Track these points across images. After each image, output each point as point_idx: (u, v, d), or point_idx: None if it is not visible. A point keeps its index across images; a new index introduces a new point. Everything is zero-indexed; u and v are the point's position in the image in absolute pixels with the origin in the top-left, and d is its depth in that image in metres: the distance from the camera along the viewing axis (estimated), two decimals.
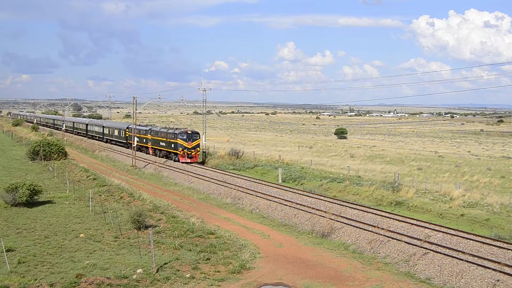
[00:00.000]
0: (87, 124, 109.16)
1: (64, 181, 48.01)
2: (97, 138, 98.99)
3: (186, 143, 62.98)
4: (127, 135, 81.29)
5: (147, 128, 74.55)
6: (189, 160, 62.82)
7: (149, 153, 72.78)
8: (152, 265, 22.90)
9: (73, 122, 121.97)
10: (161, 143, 68.29)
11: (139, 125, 77.47)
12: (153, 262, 22.98)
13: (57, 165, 59.61)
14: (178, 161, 63.14)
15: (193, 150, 63.16)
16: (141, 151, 74.14)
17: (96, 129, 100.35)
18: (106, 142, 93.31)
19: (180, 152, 62.79)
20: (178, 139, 63.37)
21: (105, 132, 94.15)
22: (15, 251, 25.49)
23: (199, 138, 64.66)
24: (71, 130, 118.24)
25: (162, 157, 68.10)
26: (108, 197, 41.15)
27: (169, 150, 66.16)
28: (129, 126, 79.11)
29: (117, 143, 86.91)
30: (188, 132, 63.58)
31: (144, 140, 73.46)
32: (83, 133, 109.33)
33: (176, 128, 69.27)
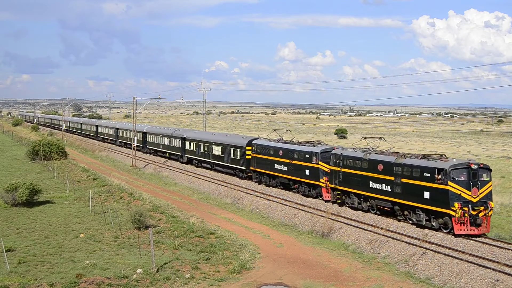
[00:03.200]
0: (145, 133, 76.46)
1: (64, 181, 48.01)
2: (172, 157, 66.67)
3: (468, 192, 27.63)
4: (247, 156, 48.04)
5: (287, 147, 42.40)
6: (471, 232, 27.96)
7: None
8: (152, 265, 22.90)
9: (119, 129, 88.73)
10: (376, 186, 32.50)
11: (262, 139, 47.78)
12: (153, 262, 22.98)
13: (57, 165, 59.61)
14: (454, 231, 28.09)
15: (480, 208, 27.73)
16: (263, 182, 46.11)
17: (168, 142, 67.53)
18: (198, 166, 59.50)
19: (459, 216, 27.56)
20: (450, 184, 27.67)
21: (211, 151, 55.63)
22: (15, 251, 25.50)
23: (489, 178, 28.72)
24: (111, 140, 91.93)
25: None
26: (108, 197, 41.16)
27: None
28: (255, 142, 47.29)
29: (233, 172, 51.64)
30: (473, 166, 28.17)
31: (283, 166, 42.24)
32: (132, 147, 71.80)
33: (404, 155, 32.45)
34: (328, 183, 37.20)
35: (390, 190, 31.21)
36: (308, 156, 39.16)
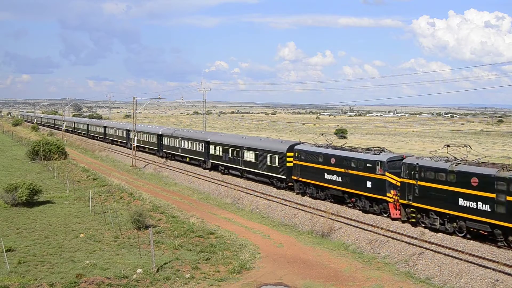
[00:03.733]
0: (160, 135, 70.08)
1: (64, 181, 48.01)
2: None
3: None
4: (288, 163, 42.38)
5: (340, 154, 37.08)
6: None
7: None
8: (152, 265, 22.90)
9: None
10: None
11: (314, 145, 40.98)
12: (153, 262, 22.98)
13: (57, 165, 59.61)
14: None
15: None
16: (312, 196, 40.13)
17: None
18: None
19: None
20: None
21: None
22: (15, 251, 25.49)
23: None
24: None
25: None
26: (108, 197, 41.16)
27: None
28: (298, 148, 41.30)
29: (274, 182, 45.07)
30: None
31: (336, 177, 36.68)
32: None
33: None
34: (397, 197, 31.48)
35: (489, 210, 25.79)
36: (370, 165, 33.41)
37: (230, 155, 51.24)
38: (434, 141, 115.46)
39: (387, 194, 32.10)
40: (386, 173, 32.19)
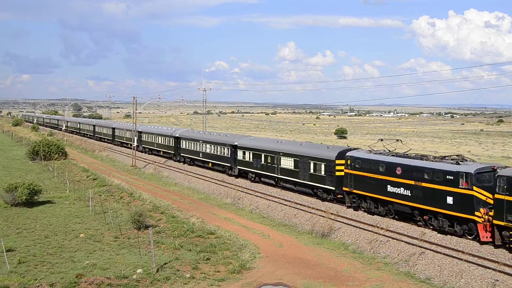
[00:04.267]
0: (178, 138, 64.13)
1: (64, 181, 48.02)
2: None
3: None
4: (338, 172, 36.99)
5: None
6: None
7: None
8: (152, 265, 22.91)
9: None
10: None
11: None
12: (153, 262, 22.99)
13: (57, 165, 59.63)
14: None
15: None
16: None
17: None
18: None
19: None
20: None
21: None
22: (15, 251, 25.51)
23: None
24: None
25: None
26: (108, 197, 41.16)
27: None
28: (351, 154, 36.02)
29: None
30: None
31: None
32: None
33: None
34: (489, 217, 26.10)
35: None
36: (451, 177, 27.96)
37: (262, 161, 45.50)
38: (434, 141, 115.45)
39: (476, 213, 26.70)
40: (474, 188, 26.95)
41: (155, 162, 66.55)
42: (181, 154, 63.46)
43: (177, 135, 64.39)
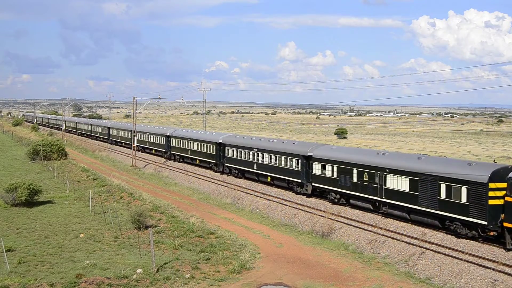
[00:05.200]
0: (222, 145, 54.30)
1: (64, 181, 48.02)
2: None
3: None
4: (492, 200, 26.85)
5: None
6: None
7: None
8: (152, 265, 22.91)
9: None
10: None
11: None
12: (153, 262, 22.99)
13: (57, 165, 59.63)
14: None
15: None
16: None
17: None
18: None
19: None
20: None
21: None
22: (15, 251, 25.50)
23: None
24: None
25: None
26: (108, 197, 41.16)
27: None
28: None
29: None
30: None
31: None
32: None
33: None
34: None
35: None
36: None
37: (355, 179, 36.00)
38: (434, 141, 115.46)
39: None
40: None
41: (155, 162, 66.55)
42: (226, 164, 53.26)
43: (220, 141, 54.49)
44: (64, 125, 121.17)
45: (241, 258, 25.07)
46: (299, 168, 41.60)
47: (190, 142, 61.30)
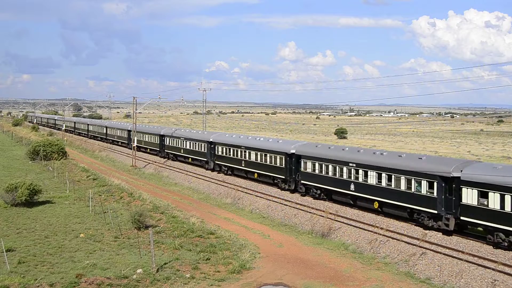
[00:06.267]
0: (295, 156, 41.44)
1: (64, 181, 48.02)
2: None
3: None
4: None
5: None
6: None
7: None
8: (152, 265, 22.91)
9: None
10: None
11: None
12: (153, 262, 22.99)
13: (57, 165, 59.63)
14: None
15: None
16: None
17: None
18: None
19: None
20: None
21: None
22: (15, 251, 25.51)
23: None
24: None
25: None
26: (108, 197, 41.17)
27: None
28: None
29: None
30: None
31: None
32: None
33: None
34: None
35: None
36: None
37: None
38: (434, 141, 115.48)
39: None
40: None
41: (155, 162, 66.52)
42: (303, 182, 40.52)
43: (292, 152, 42.09)
44: (64, 125, 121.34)
45: (241, 258, 25.08)
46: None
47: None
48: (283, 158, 42.51)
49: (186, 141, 60.99)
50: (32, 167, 60.75)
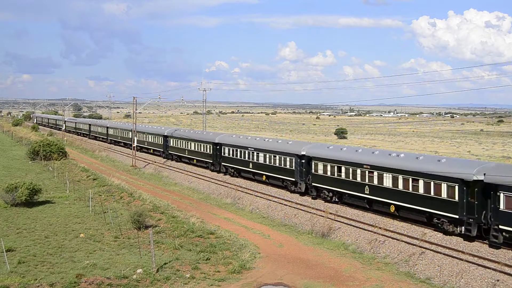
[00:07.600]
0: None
1: (64, 181, 48.01)
2: None
3: None
4: None
5: None
6: None
7: None
8: (152, 265, 22.91)
9: None
10: None
11: None
12: (153, 262, 22.99)
13: (57, 165, 59.63)
14: None
15: None
16: None
17: None
18: None
19: None
20: None
21: None
22: (15, 251, 25.50)
23: None
24: None
25: None
26: (108, 197, 41.16)
27: None
28: None
29: None
30: None
31: None
32: None
33: None
34: None
35: None
36: None
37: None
38: (434, 141, 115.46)
39: None
40: None
41: (155, 162, 66.51)
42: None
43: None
44: (64, 125, 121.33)
45: (241, 258, 25.07)
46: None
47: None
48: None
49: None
50: (32, 167, 60.75)
